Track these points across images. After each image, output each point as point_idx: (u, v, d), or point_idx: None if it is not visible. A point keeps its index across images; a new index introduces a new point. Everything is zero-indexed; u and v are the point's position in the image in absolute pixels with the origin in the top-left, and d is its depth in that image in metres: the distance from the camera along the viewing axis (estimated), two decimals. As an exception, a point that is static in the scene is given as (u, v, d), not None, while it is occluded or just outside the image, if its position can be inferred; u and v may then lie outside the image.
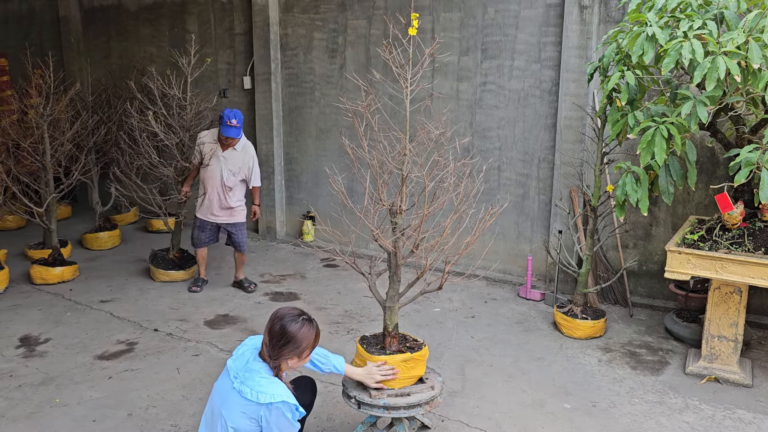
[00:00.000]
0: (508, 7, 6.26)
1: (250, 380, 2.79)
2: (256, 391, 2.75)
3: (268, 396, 2.73)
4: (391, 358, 3.34)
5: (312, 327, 2.91)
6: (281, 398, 2.74)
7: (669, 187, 4.26)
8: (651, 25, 3.84)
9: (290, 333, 2.81)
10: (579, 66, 5.82)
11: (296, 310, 2.93)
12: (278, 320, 2.86)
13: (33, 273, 6.56)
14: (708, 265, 4.19)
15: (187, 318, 5.70)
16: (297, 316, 2.88)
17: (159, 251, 6.90)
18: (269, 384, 2.78)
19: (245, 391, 2.76)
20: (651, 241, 5.89)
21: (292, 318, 2.86)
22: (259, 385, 2.76)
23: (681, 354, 4.96)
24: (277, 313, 2.91)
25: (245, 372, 2.83)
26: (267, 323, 2.92)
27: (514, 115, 6.40)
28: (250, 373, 2.82)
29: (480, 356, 4.96)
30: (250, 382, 2.78)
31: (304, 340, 2.85)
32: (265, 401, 2.73)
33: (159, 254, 6.84)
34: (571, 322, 5.24)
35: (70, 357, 4.95)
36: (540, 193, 6.37)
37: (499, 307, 6.01)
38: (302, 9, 7.60)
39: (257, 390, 2.75)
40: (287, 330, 2.82)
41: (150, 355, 4.99)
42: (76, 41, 9.72)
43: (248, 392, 2.75)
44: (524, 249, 6.55)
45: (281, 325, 2.83)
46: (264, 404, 2.73)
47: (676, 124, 3.94)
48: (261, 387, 2.75)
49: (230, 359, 2.94)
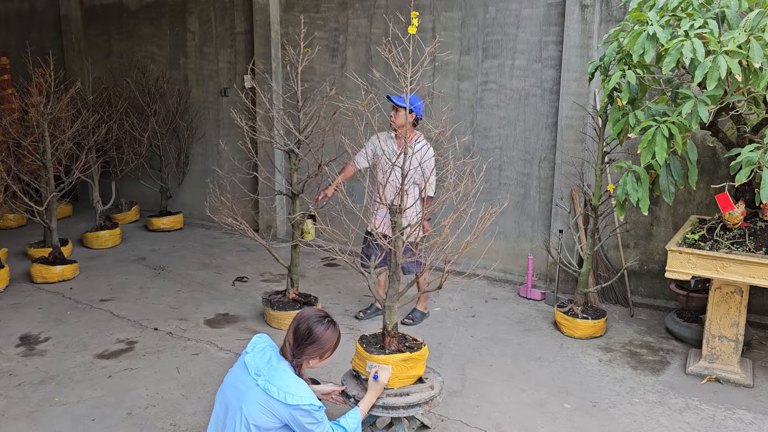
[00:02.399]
0: (509, 6, 6.25)
1: (276, 379, 2.80)
2: (283, 391, 2.76)
3: (296, 398, 2.76)
4: (390, 358, 3.33)
5: (336, 330, 3.00)
6: (309, 401, 2.78)
7: (670, 187, 4.24)
8: (652, 24, 3.82)
9: (316, 333, 2.89)
10: (580, 65, 5.81)
11: (321, 312, 3.01)
12: (305, 320, 2.93)
13: (33, 272, 6.56)
14: (709, 264, 4.17)
15: (187, 317, 5.70)
16: (323, 317, 2.97)
17: (273, 295, 5.67)
18: (297, 385, 2.80)
19: (271, 390, 2.77)
20: (652, 240, 5.87)
21: (318, 319, 2.94)
22: (287, 386, 2.78)
23: (682, 354, 4.95)
24: (302, 314, 2.98)
25: (269, 370, 2.84)
26: (292, 323, 2.98)
27: (515, 115, 6.39)
28: (275, 371, 2.83)
29: (480, 356, 4.95)
30: (277, 381, 2.80)
31: (327, 341, 2.93)
32: (293, 402, 2.75)
33: (274, 298, 5.59)
34: (571, 321, 5.23)
35: (69, 356, 4.94)
36: (541, 193, 6.36)
37: (499, 306, 6.00)
38: (303, 8, 7.60)
39: (285, 390, 2.76)
40: (313, 330, 2.89)
41: (150, 354, 4.98)
42: (76, 40, 9.73)
43: (275, 391, 2.77)
44: (525, 248, 6.54)
45: (308, 325, 2.90)
46: (292, 405, 2.75)
47: (677, 124, 3.92)
48: (289, 388, 2.78)
49: (248, 356, 2.93)
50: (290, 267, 5.51)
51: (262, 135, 5.31)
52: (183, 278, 6.76)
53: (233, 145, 8.28)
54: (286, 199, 7.86)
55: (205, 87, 8.75)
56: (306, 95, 5.37)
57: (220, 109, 8.63)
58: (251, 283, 6.62)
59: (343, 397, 3.43)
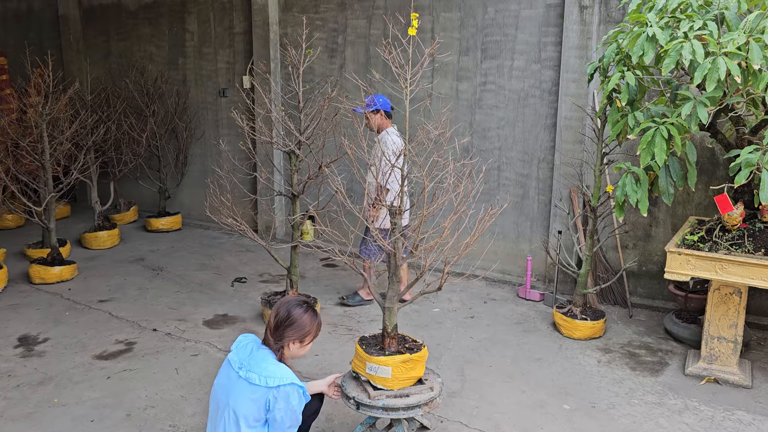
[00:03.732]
0: (508, 6, 6.25)
1: (256, 366, 2.85)
2: (264, 375, 2.81)
3: (276, 379, 2.80)
4: (391, 359, 3.33)
5: (315, 316, 3.06)
6: (289, 380, 2.82)
7: (669, 188, 4.25)
8: (651, 26, 3.83)
9: (294, 316, 2.95)
10: (579, 66, 5.81)
11: (302, 298, 3.10)
12: (284, 304, 3.00)
13: (32, 272, 6.56)
14: (708, 266, 4.18)
15: (185, 318, 5.69)
16: (302, 302, 3.04)
17: (272, 295, 5.67)
18: (276, 368, 2.85)
19: (252, 378, 2.81)
20: (651, 241, 5.88)
21: (298, 303, 3.02)
22: (266, 370, 2.82)
23: (680, 355, 4.95)
24: (283, 299, 3.06)
25: (250, 360, 2.89)
26: (273, 309, 3.03)
27: (514, 116, 6.39)
28: (255, 360, 2.88)
29: (479, 357, 4.95)
30: (257, 368, 2.84)
31: (306, 324, 2.98)
32: (274, 384, 2.79)
33: (273, 299, 5.57)
34: (570, 322, 5.23)
35: (68, 357, 4.93)
36: (540, 194, 6.37)
37: (498, 307, 6.00)
38: (302, 8, 7.60)
39: (265, 375, 2.81)
40: (292, 313, 2.96)
41: (149, 354, 4.97)
42: (75, 40, 9.72)
43: (256, 378, 2.81)
44: (524, 249, 6.54)
45: (287, 308, 2.97)
46: (273, 387, 2.79)
47: (676, 125, 3.93)
48: (268, 372, 2.82)
49: (231, 354, 2.99)
50: (289, 268, 5.51)
51: (262, 136, 5.30)
52: (182, 279, 6.75)
53: (232, 146, 8.27)
54: (285, 199, 7.86)
55: (203, 87, 8.74)
56: (306, 96, 5.37)
57: (218, 110, 8.63)
58: (250, 283, 6.62)
59: (343, 398, 3.43)
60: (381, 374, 3.33)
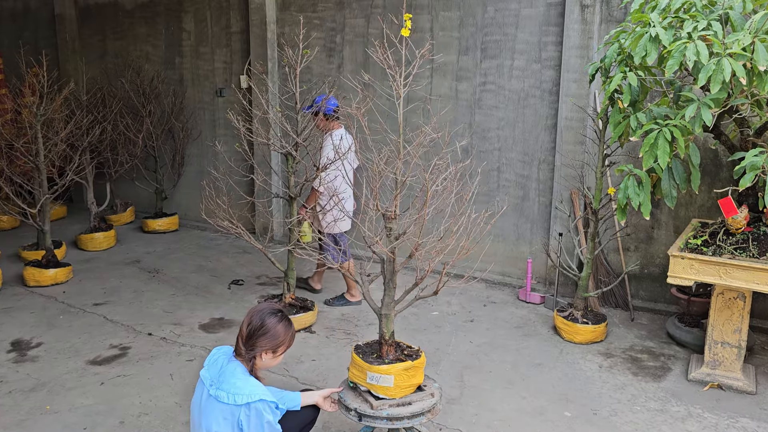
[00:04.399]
0: (509, 5, 6.17)
1: (225, 383, 2.75)
2: (232, 393, 2.71)
3: (244, 396, 2.70)
4: (393, 368, 3.25)
5: (289, 325, 2.94)
6: (258, 397, 2.71)
7: (672, 191, 4.17)
8: (654, 26, 3.75)
9: (268, 325, 2.84)
10: (580, 66, 5.73)
11: (276, 307, 2.96)
12: (258, 313, 2.89)
13: (26, 275, 6.48)
14: (711, 270, 4.10)
15: (181, 322, 5.62)
16: (276, 311, 2.92)
17: (269, 299, 5.74)
18: (244, 384, 2.74)
19: (221, 396, 2.72)
20: (652, 244, 5.80)
21: (272, 312, 2.90)
22: (234, 387, 2.72)
23: (683, 359, 4.88)
24: (256, 307, 2.95)
25: (219, 376, 2.80)
26: (245, 317, 2.92)
27: (514, 116, 6.31)
28: (224, 376, 2.78)
29: (479, 362, 4.88)
30: (225, 385, 2.74)
31: (280, 334, 2.87)
32: (242, 402, 2.69)
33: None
34: (571, 326, 5.16)
35: (61, 362, 4.86)
36: (540, 195, 6.29)
37: (498, 310, 5.92)
38: (300, 7, 7.51)
39: (233, 392, 2.71)
40: (266, 322, 2.85)
41: (143, 360, 4.90)
42: (71, 39, 9.63)
43: (224, 396, 2.71)
44: (524, 251, 6.46)
45: (260, 317, 2.86)
46: (242, 405, 2.69)
47: (680, 127, 3.85)
48: (236, 388, 2.71)
49: (203, 370, 2.90)
50: (286, 271, 5.44)
51: (259, 137, 5.23)
52: (178, 281, 6.68)
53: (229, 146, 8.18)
54: (282, 201, 7.77)
55: (200, 87, 8.66)
56: (303, 97, 5.29)
57: (215, 110, 8.54)
58: (247, 286, 6.54)
59: (342, 410, 3.35)
60: (383, 383, 3.24)
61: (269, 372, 4.61)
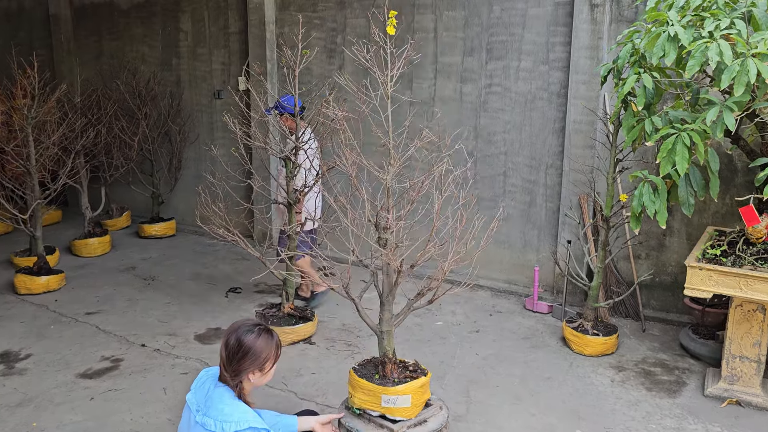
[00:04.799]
0: (515, 5, 5.97)
1: (212, 409, 2.53)
2: (219, 421, 2.49)
3: (233, 424, 2.48)
4: (409, 387, 3.04)
5: (271, 337, 2.67)
6: (248, 424, 2.49)
7: (689, 198, 3.97)
8: (672, 25, 3.55)
9: (247, 344, 2.58)
10: (589, 67, 5.54)
11: (252, 321, 2.70)
12: (233, 333, 2.62)
13: (17, 282, 6.28)
14: (731, 282, 3.90)
15: (176, 332, 5.42)
16: (253, 326, 2.65)
17: (267, 308, 5.47)
18: (232, 410, 2.52)
19: (208, 423, 2.51)
20: (664, 251, 5.60)
21: (248, 329, 2.63)
22: (221, 414, 2.51)
23: (698, 373, 4.68)
24: (231, 326, 2.68)
25: (206, 402, 2.58)
26: (222, 338, 2.67)
27: (521, 119, 6.11)
28: (211, 401, 2.56)
29: (485, 376, 4.67)
30: (213, 411, 2.53)
31: (263, 350, 2.61)
32: (231, 430, 2.47)
33: (268, 312, 5.37)
34: (581, 338, 4.96)
35: (50, 375, 4.66)
36: (547, 201, 6.09)
37: (504, 320, 5.72)
38: (299, 7, 7.32)
39: (221, 419, 2.49)
40: (243, 342, 2.58)
41: (136, 373, 4.70)
42: (66, 40, 9.43)
43: (211, 423, 2.50)
44: (531, 259, 6.26)
45: (237, 337, 2.60)
46: None
47: (698, 131, 3.65)
48: (224, 415, 2.50)
49: (189, 393, 2.69)
50: (285, 279, 5.24)
51: (256, 141, 5.03)
52: (173, 289, 6.48)
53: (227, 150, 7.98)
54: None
55: (198, 89, 8.46)
56: (303, 99, 5.09)
57: (213, 112, 8.34)
58: (245, 294, 6.34)
59: None
60: (400, 404, 3.04)
61: (266, 386, 4.42)
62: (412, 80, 6.61)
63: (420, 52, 6.52)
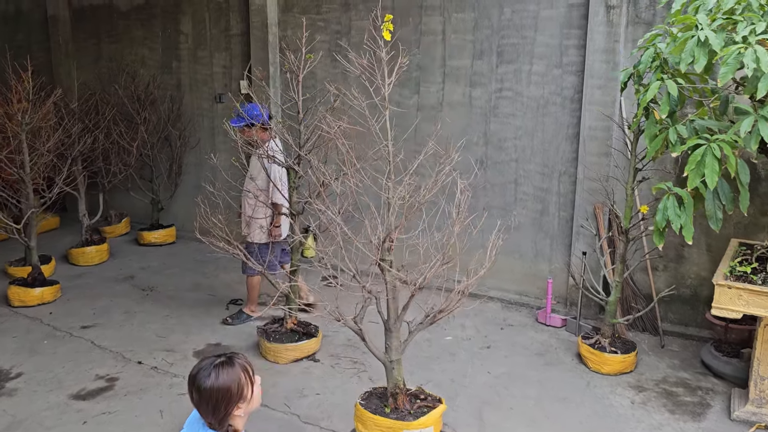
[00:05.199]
0: (527, 7, 5.74)
1: None
2: None
3: None
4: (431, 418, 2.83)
5: (232, 367, 2.38)
6: None
7: (717, 212, 3.75)
8: (702, 29, 3.32)
9: (209, 391, 2.31)
10: (605, 71, 5.31)
11: (206, 361, 2.40)
12: (191, 387, 2.35)
13: (10, 294, 6.07)
14: (764, 302, 3.66)
15: (174, 348, 5.20)
16: (209, 365, 2.36)
17: (269, 324, 5.29)
18: None
19: None
20: (683, 263, 5.37)
21: (205, 375, 2.33)
22: None
23: (723, 394, 4.44)
24: (190, 376, 2.39)
25: None
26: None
27: (533, 125, 5.88)
28: None
29: (498, 396, 4.45)
30: None
31: (230, 387, 2.33)
32: None
33: (270, 327, 5.18)
34: (598, 356, 4.72)
35: (42, 396, 4.45)
36: (560, 209, 5.85)
37: (516, 334, 5.49)
38: (303, 9, 7.09)
39: None
40: (205, 390, 2.31)
41: (131, 393, 4.49)
42: (64, 42, 9.21)
43: None
44: (543, 269, 6.03)
45: (198, 386, 2.33)
46: None
47: (728, 142, 3.42)
48: None
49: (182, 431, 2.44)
50: (288, 294, 5.02)
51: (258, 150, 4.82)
52: (173, 300, 6.26)
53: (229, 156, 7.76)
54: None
55: (198, 93, 8.24)
56: (307, 105, 4.88)
57: (215, 117, 8.12)
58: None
59: None
60: None
61: (268, 408, 4.21)
62: (420, 84, 6.38)
63: (428, 56, 6.30)
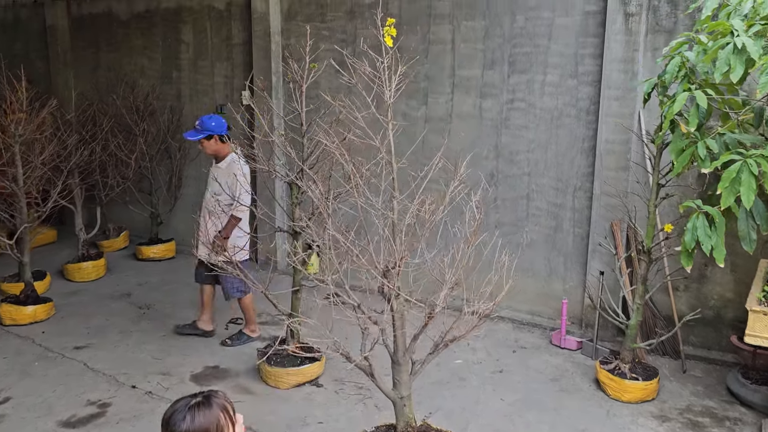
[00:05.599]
0: (540, 14, 5.51)
1: None
2: None
3: None
4: None
5: (209, 406, 2.14)
6: None
7: (751, 233, 3.49)
8: (738, 35, 3.08)
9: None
10: (623, 82, 5.07)
11: (181, 403, 2.16)
12: (165, 430, 2.12)
13: (2, 312, 5.83)
14: (803, 330, 3.41)
15: (170, 371, 4.95)
16: (183, 408, 2.13)
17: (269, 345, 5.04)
18: None
19: None
20: (705, 283, 5.10)
21: (179, 418, 2.10)
22: None
23: (753, 425, 4.17)
24: (162, 422, 2.14)
25: None
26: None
27: (546, 137, 5.64)
28: None
29: (513, 426, 4.18)
30: None
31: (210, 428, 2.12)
32: None
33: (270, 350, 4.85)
34: (618, 383, 4.46)
35: (30, 423, 4.21)
36: (575, 226, 5.60)
37: (529, 357, 5.23)
38: (306, 17, 6.88)
39: None
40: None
41: (123, 420, 4.24)
42: (63, 51, 9.02)
43: None
44: (557, 288, 5.76)
45: None
46: None
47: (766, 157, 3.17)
48: None
49: None
50: (290, 314, 4.77)
51: (259, 164, 4.59)
52: (170, 319, 6.00)
53: (230, 167, 7.54)
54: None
55: (199, 103, 8.02)
56: (310, 117, 4.65)
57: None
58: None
59: None
60: None
61: (269, 439, 3.95)
62: (428, 95, 6.15)
63: (436, 65, 6.07)
